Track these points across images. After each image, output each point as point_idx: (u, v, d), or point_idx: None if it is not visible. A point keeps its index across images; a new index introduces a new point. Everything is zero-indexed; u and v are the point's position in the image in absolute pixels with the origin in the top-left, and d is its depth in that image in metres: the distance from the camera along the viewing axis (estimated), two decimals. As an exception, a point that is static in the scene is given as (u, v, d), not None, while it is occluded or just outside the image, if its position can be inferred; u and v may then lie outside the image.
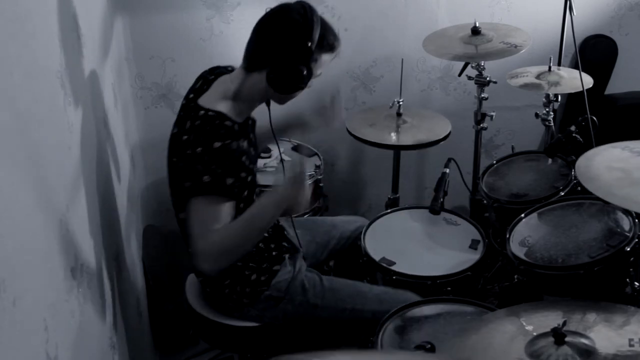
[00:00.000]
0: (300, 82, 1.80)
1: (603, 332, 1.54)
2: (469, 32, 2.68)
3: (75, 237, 1.50)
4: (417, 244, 2.31)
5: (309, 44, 1.76)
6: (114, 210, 2.11)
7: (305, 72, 1.78)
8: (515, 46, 2.58)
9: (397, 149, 2.83)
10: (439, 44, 2.70)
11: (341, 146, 3.24)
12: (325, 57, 1.85)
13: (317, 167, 2.66)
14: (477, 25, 2.67)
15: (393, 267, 2.16)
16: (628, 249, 1.89)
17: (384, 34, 3.07)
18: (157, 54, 2.87)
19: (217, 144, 1.74)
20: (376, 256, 2.20)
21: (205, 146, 1.74)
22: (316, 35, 1.77)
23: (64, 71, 1.57)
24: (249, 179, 1.86)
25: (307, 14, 1.78)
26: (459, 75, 2.81)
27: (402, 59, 2.76)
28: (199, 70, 2.04)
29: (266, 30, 1.83)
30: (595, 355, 1.46)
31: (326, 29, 1.83)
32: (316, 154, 2.79)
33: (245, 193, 1.87)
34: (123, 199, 2.30)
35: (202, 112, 1.80)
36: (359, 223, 2.38)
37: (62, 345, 1.30)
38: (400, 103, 2.74)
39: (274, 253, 1.98)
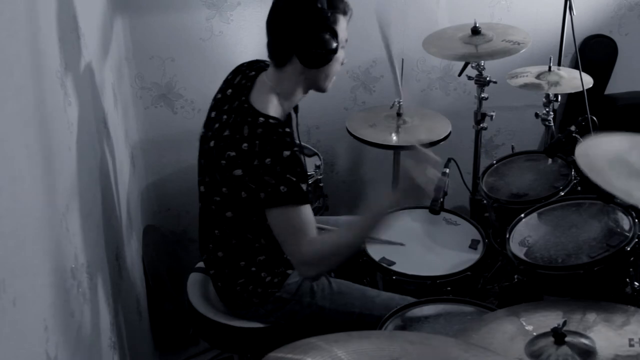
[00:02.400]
0: (329, 46, 1.79)
1: (603, 332, 1.54)
2: (469, 32, 2.68)
3: (75, 237, 1.50)
4: (417, 244, 2.31)
5: (319, 5, 1.76)
6: (114, 210, 2.11)
7: (329, 36, 1.78)
8: (518, 43, 2.58)
9: (397, 149, 2.83)
10: (439, 44, 2.70)
11: (341, 146, 3.24)
12: (342, 21, 1.84)
13: (317, 167, 2.66)
14: (477, 25, 2.67)
15: (393, 267, 2.16)
16: (628, 249, 1.88)
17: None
18: (157, 54, 2.87)
19: (287, 153, 1.73)
20: (376, 256, 2.20)
21: (274, 156, 1.73)
22: None
23: (64, 71, 1.57)
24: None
25: None
26: (459, 75, 2.81)
27: (402, 59, 2.76)
28: (199, 70, 2.05)
29: (276, 20, 1.83)
30: (595, 355, 1.46)
31: None
32: (316, 154, 2.79)
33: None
34: (123, 199, 2.30)
35: (262, 119, 1.77)
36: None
37: (62, 345, 1.30)
38: (401, 103, 2.74)
39: (286, 255, 1.96)
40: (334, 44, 1.80)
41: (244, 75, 1.92)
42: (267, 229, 1.81)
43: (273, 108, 1.82)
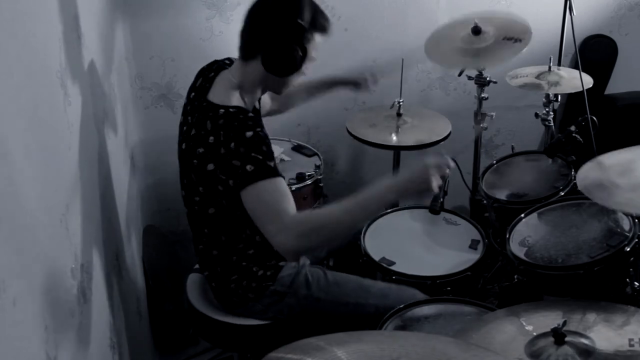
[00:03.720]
0: (295, 61, 1.80)
1: (603, 332, 1.54)
2: (469, 32, 2.67)
3: (75, 237, 1.50)
4: (417, 244, 2.31)
5: (300, 22, 1.76)
6: (114, 210, 2.11)
7: (299, 52, 1.78)
8: (519, 40, 2.58)
9: (397, 149, 2.83)
10: (440, 51, 2.68)
11: (341, 146, 3.25)
12: (318, 39, 1.84)
13: (317, 167, 2.66)
14: (477, 24, 2.66)
15: (393, 267, 2.16)
16: (628, 249, 1.88)
17: (384, 34, 3.07)
18: (157, 54, 2.87)
19: (249, 134, 1.73)
20: (376, 256, 2.20)
21: (237, 139, 1.73)
22: (306, 13, 1.78)
23: (64, 71, 1.57)
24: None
25: None
26: (459, 75, 2.81)
27: (402, 59, 2.76)
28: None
29: (256, 15, 1.83)
30: (595, 355, 1.46)
31: (316, 9, 1.83)
32: (316, 154, 2.79)
33: None
34: (123, 199, 2.30)
35: (222, 110, 1.78)
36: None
37: (62, 345, 1.30)
38: (401, 103, 2.74)
39: None
40: (300, 60, 1.80)
41: (205, 78, 1.94)
42: (250, 221, 1.79)
43: (234, 100, 1.83)
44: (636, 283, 1.96)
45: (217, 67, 1.96)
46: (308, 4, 1.80)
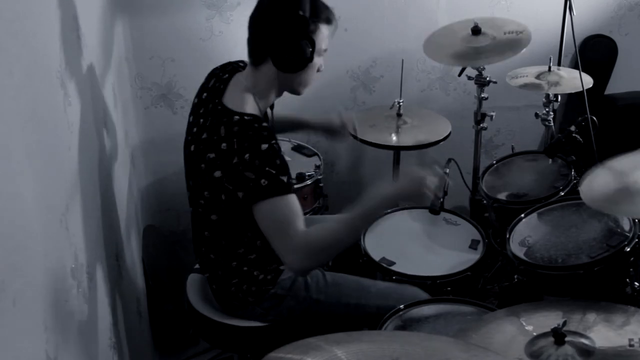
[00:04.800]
0: (304, 54, 1.80)
1: (603, 332, 1.54)
2: (469, 32, 2.68)
3: (75, 237, 1.50)
4: (417, 244, 2.31)
5: (301, 12, 1.76)
6: (114, 210, 2.11)
7: (306, 44, 1.79)
8: (519, 32, 2.58)
9: (397, 149, 2.83)
10: (439, 48, 2.68)
11: (341, 146, 3.24)
12: (324, 30, 1.84)
13: (317, 167, 2.66)
14: (477, 24, 2.66)
15: (393, 267, 2.17)
16: (628, 249, 1.88)
17: (384, 34, 3.06)
18: (157, 54, 2.87)
19: (265, 146, 1.73)
20: (376, 256, 2.20)
21: (252, 151, 1.72)
22: (306, 5, 1.78)
23: (64, 71, 1.57)
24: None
25: None
26: (459, 75, 2.81)
27: (402, 59, 2.76)
28: (199, 70, 2.04)
29: (258, 19, 1.83)
30: (595, 355, 1.46)
31: (315, 0, 1.83)
32: (316, 154, 2.79)
33: None
34: (123, 199, 2.30)
35: (236, 117, 1.77)
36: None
37: (62, 345, 1.30)
38: (401, 103, 2.74)
39: None
40: (309, 52, 1.80)
41: (218, 79, 1.93)
42: (254, 227, 1.80)
43: (249, 106, 1.82)
44: (636, 283, 1.96)
45: (231, 68, 1.96)
46: None
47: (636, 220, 1.95)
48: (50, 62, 1.49)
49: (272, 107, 2.03)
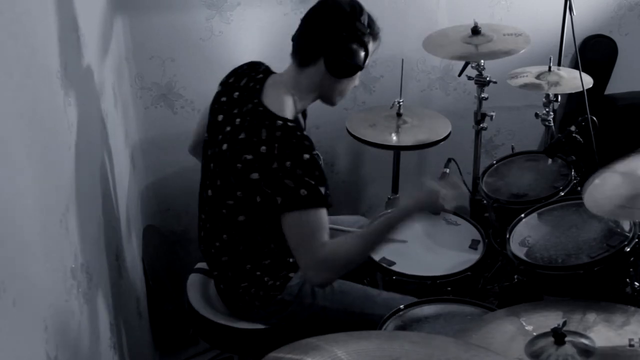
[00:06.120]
0: (358, 60, 1.82)
1: (603, 332, 1.54)
2: (469, 32, 2.68)
3: (75, 237, 1.50)
4: (417, 244, 2.31)
5: (359, 24, 1.81)
6: (114, 210, 2.11)
7: (361, 51, 1.82)
8: (519, 34, 2.58)
9: (397, 149, 2.83)
10: (439, 44, 2.70)
11: (341, 146, 3.24)
12: (371, 45, 1.87)
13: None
14: (477, 25, 2.66)
15: (393, 267, 2.17)
16: (628, 249, 1.88)
17: (384, 34, 3.05)
18: (157, 54, 2.87)
19: (307, 156, 1.74)
20: (376, 256, 2.20)
21: (294, 159, 1.73)
22: (365, 17, 1.83)
23: (63, 71, 1.57)
24: None
25: (352, 1, 1.85)
26: (459, 75, 2.81)
27: (402, 59, 2.76)
28: (199, 70, 2.04)
29: (314, 20, 1.85)
30: (595, 355, 1.46)
31: (370, 16, 1.88)
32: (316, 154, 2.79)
33: None
34: (123, 199, 2.30)
35: (279, 122, 1.77)
36: (359, 223, 2.38)
37: (62, 345, 1.30)
38: (401, 103, 2.74)
39: (291, 260, 1.94)
40: (362, 60, 1.83)
41: (250, 78, 1.92)
42: (278, 233, 1.80)
43: (289, 110, 1.83)
44: (636, 283, 1.96)
45: (264, 69, 1.95)
46: (365, 10, 1.85)
47: (636, 221, 1.95)
48: (50, 62, 1.49)
49: (304, 114, 2.03)
